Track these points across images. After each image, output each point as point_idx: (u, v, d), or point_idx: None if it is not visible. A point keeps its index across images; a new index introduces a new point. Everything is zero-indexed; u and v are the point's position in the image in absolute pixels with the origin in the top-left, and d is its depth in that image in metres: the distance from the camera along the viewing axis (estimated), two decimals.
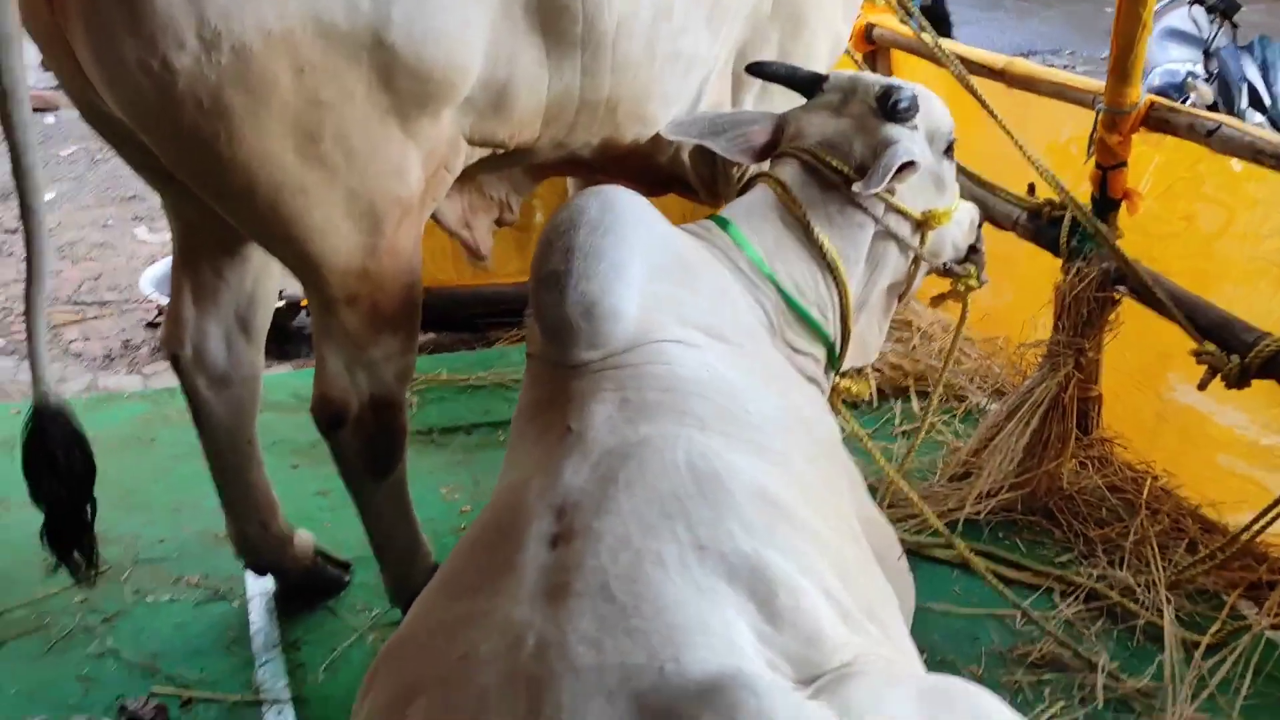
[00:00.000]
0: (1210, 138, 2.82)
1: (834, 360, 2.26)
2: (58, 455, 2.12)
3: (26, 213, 1.96)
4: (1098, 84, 3.07)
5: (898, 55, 4.12)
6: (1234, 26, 4.44)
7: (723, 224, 2.16)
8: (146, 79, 1.76)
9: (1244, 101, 4.20)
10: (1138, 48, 2.89)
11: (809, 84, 2.37)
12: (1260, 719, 2.37)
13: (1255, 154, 2.72)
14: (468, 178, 2.43)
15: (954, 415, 3.46)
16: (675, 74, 2.39)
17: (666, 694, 1.21)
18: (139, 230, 5.20)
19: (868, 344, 2.45)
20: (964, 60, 3.51)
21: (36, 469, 2.13)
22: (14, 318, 4.38)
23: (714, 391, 1.71)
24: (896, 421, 3.46)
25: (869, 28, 4.04)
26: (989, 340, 3.74)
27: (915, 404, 3.55)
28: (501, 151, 2.26)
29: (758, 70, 2.45)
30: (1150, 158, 3.10)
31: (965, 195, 2.53)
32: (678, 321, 1.85)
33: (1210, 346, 2.68)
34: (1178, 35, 4.55)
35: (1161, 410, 3.21)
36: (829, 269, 2.18)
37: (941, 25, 4.85)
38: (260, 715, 2.36)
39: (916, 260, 2.35)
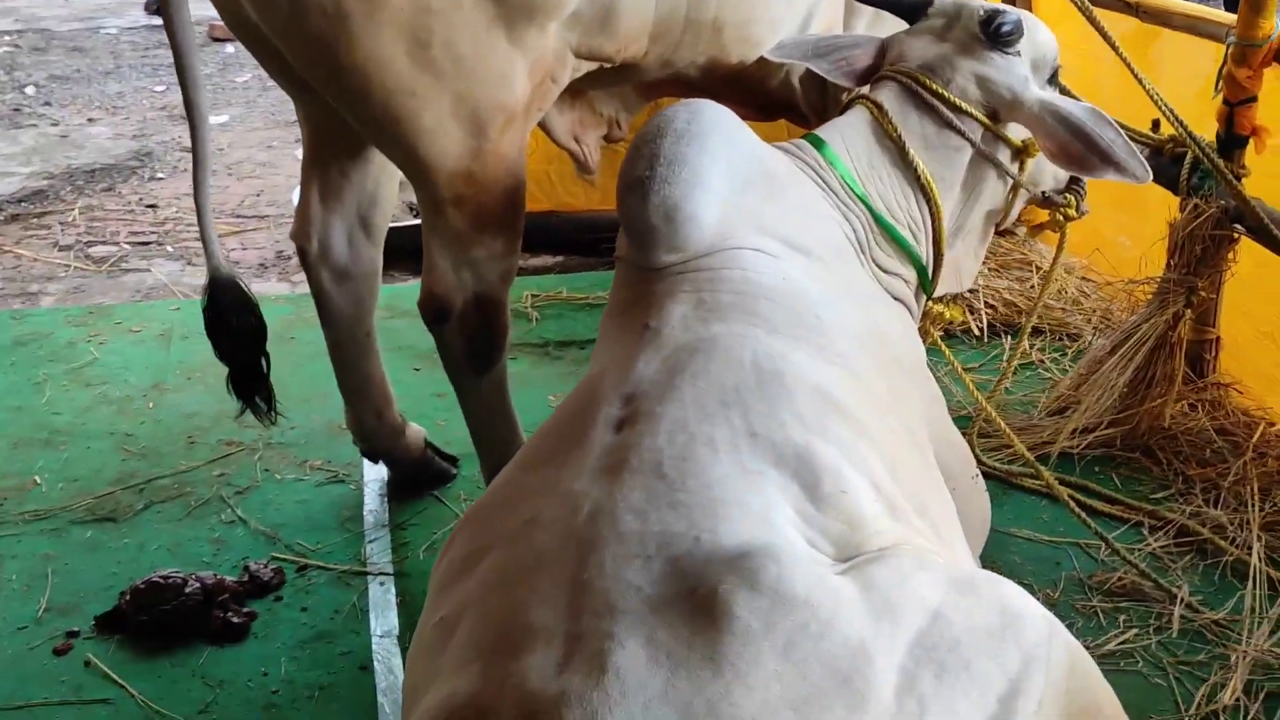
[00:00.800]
0: None
1: (925, 283, 2.30)
2: (230, 319, 2.46)
3: (190, 108, 2.22)
4: (1233, 18, 2.99)
5: None
6: None
7: (817, 143, 2.22)
8: None
9: None
10: None
11: (913, 8, 2.39)
12: None
13: None
14: (578, 93, 2.54)
15: (1065, 353, 3.45)
16: (781, 1, 2.45)
17: (698, 558, 1.32)
18: (299, 151, 5.51)
19: (963, 270, 2.48)
20: None
21: (215, 330, 2.49)
22: (183, 227, 4.72)
23: (787, 296, 1.80)
24: (1004, 357, 3.46)
25: None
26: (1110, 283, 3.69)
27: (1026, 341, 3.54)
28: (609, 66, 2.36)
29: None
30: None
31: None
32: (758, 230, 1.94)
33: None
34: None
35: None
36: (923, 191, 2.22)
37: None
38: (365, 584, 2.56)
39: (1015, 188, 2.36)
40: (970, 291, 3.73)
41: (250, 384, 2.57)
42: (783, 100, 2.76)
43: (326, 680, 2.30)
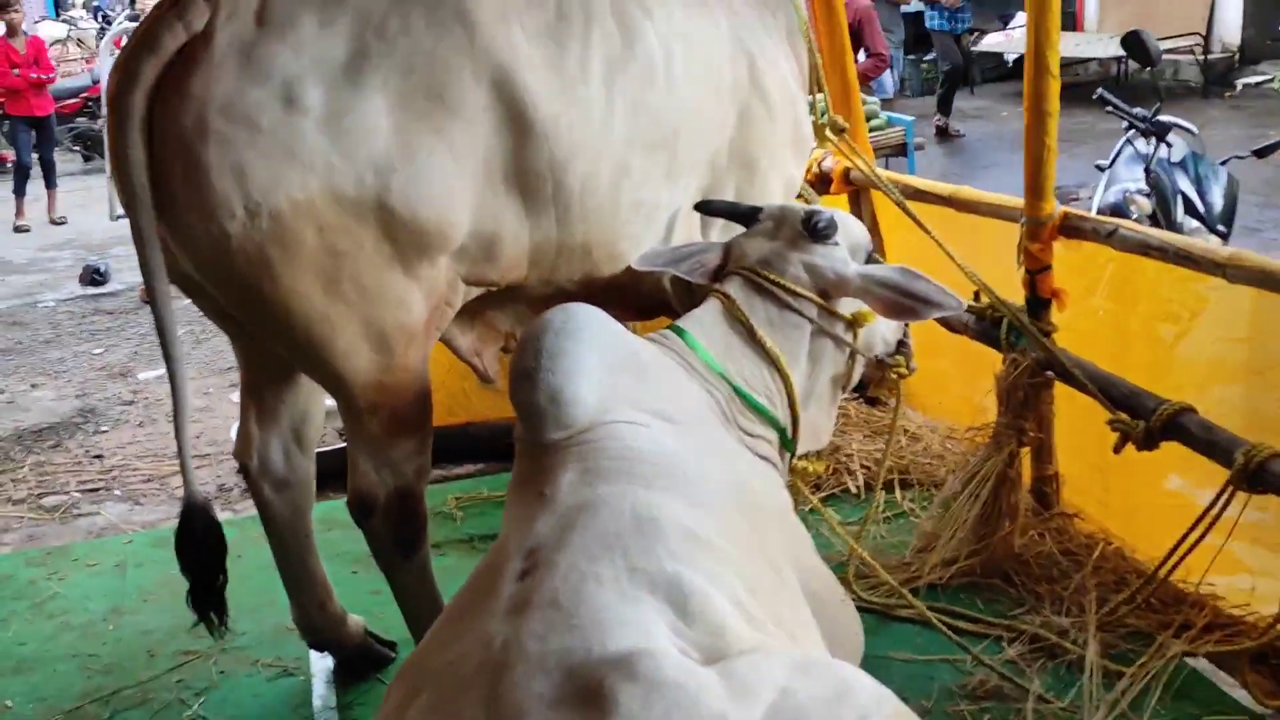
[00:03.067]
0: (1110, 238, 3.31)
1: (787, 442, 2.73)
2: (199, 536, 2.68)
3: (170, 360, 2.56)
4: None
5: (876, 194, 4.68)
6: (1168, 146, 4.94)
7: (679, 331, 2.67)
8: (209, 240, 2.39)
9: (1179, 211, 4.67)
10: (1046, 167, 3.39)
11: (748, 215, 2.91)
12: None
13: (1145, 249, 3.20)
14: (477, 313, 2.98)
15: (931, 501, 3.89)
16: (640, 219, 2.91)
17: (591, 665, 1.64)
18: (233, 395, 5.91)
19: (820, 429, 2.90)
20: (918, 190, 4.09)
21: (184, 549, 2.70)
22: (129, 472, 5.07)
23: (658, 458, 2.19)
24: (880, 508, 3.88)
25: (846, 171, 4.60)
26: (954, 433, 4.19)
27: (899, 494, 3.99)
28: (496, 289, 2.83)
29: (703, 208, 3.02)
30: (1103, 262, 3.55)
31: None
32: (630, 406, 2.35)
33: (1122, 415, 3.11)
34: (1132, 158, 5.09)
35: (1123, 486, 3.60)
36: (773, 364, 2.67)
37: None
38: None
39: (852, 354, 2.84)
40: (847, 455, 4.21)
41: (207, 599, 2.80)
42: (657, 301, 3.21)
43: None
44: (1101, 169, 5.42)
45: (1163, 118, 5.34)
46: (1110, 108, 5.28)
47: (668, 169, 2.94)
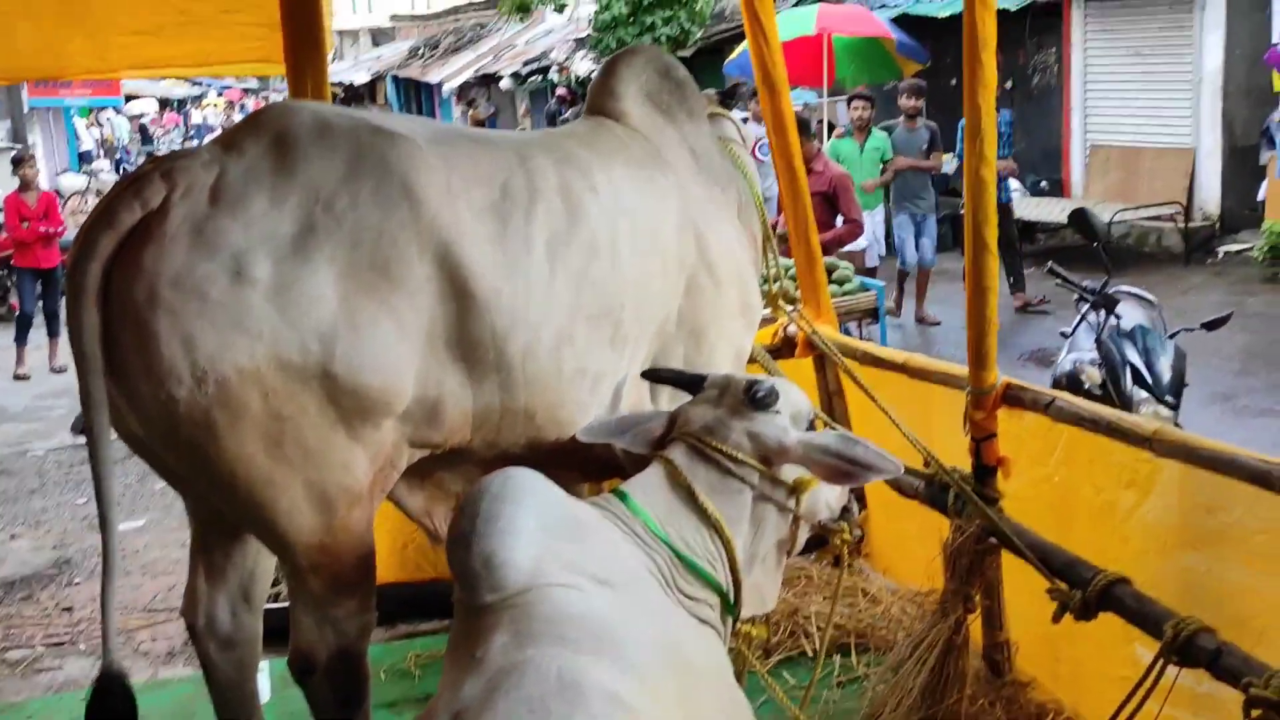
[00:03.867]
0: (1048, 409, 3.40)
1: (729, 606, 2.77)
2: (113, 706, 2.61)
3: (104, 525, 2.60)
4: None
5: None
6: (1117, 318, 5.07)
7: (622, 495, 2.74)
8: (157, 405, 2.48)
9: (1128, 382, 4.78)
10: (987, 339, 3.51)
11: (693, 383, 3.01)
12: None
13: (1079, 420, 3.29)
14: (426, 474, 3.05)
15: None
16: (584, 386, 3.01)
17: None
18: None
19: (765, 593, 2.93)
20: (874, 357, 4.20)
21: (95, 715, 2.61)
22: (96, 625, 5.08)
23: (589, 622, 2.24)
24: (835, 673, 3.89)
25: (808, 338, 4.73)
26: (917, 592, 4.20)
27: (854, 658, 3.99)
28: (441, 452, 2.91)
29: (650, 376, 3.12)
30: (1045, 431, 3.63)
31: None
32: (565, 569, 2.41)
33: (1060, 584, 3.15)
34: (1087, 328, 5.23)
35: (1074, 655, 3.61)
36: (714, 529, 2.73)
37: None
38: None
39: (795, 520, 2.90)
40: (806, 617, 4.22)
41: None
42: (608, 464, 3.28)
43: None
44: (1065, 336, 5.56)
45: (1123, 288, 5.50)
46: (1059, 281, 5.45)
47: (612, 338, 3.05)
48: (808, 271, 4.74)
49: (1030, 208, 14.16)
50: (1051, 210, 14.04)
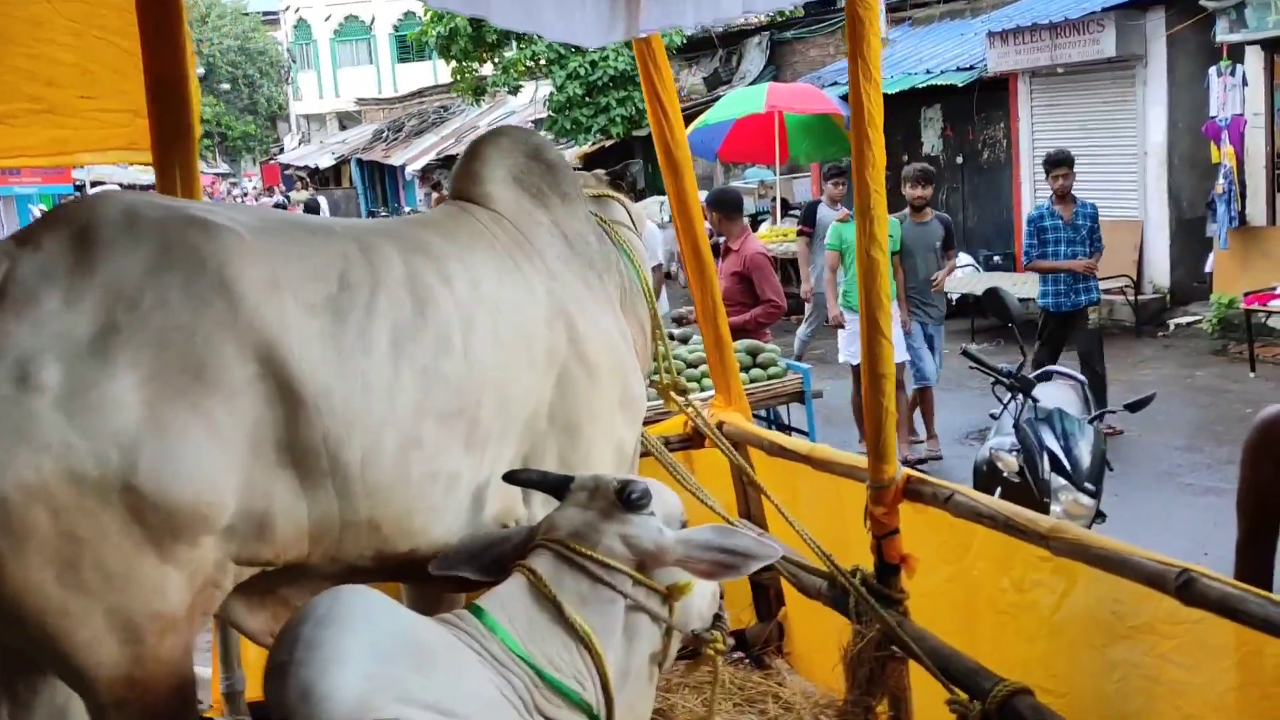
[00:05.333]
0: (947, 504, 3.19)
1: None
2: None
3: None
4: None
5: (752, 450, 4.59)
6: (1034, 401, 4.88)
7: (478, 611, 2.53)
8: None
9: (1046, 467, 4.56)
10: (885, 429, 3.31)
11: (558, 485, 2.80)
12: None
13: (977, 516, 3.08)
14: (267, 591, 2.79)
15: None
16: (438, 491, 2.74)
17: None
18: None
19: (637, 711, 2.73)
20: (781, 447, 3.99)
21: None
22: None
23: None
24: None
25: (720, 425, 4.51)
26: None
27: None
28: (274, 569, 2.66)
29: (511, 479, 2.89)
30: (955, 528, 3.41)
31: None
32: (399, 700, 2.19)
33: (961, 695, 2.92)
34: (1008, 413, 5.04)
35: None
36: (584, 644, 2.51)
37: None
38: None
39: (669, 629, 2.68)
40: None
41: None
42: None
43: None
44: (994, 418, 5.36)
45: (1053, 368, 5.32)
46: (972, 365, 5.26)
47: (468, 438, 2.82)
48: (717, 357, 4.54)
49: (982, 283, 14.10)
50: (1004, 284, 13.97)
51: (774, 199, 16.33)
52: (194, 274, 2.44)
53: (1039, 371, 5.06)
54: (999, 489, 4.64)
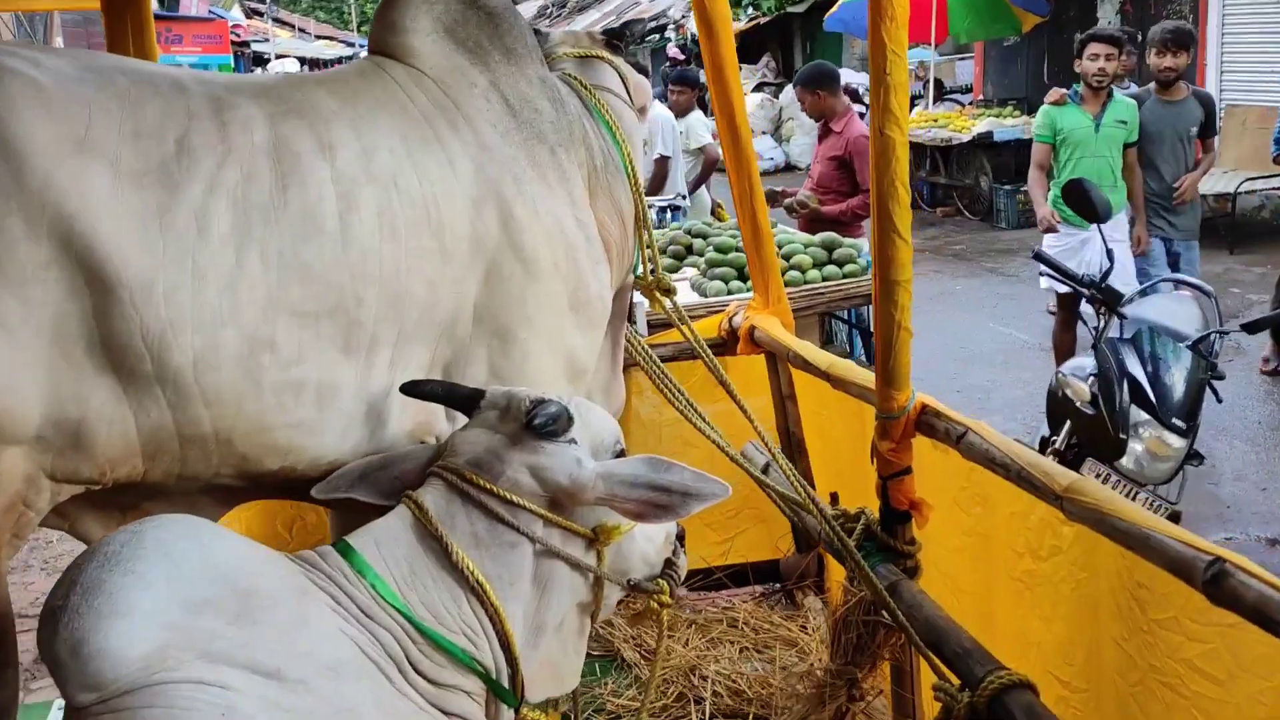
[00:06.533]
0: (959, 443, 2.58)
1: (500, 691, 2.12)
2: None
3: None
4: None
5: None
6: (1121, 319, 4.04)
7: (345, 551, 2.11)
8: None
9: (1124, 397, 3.73)
10: (898, 352, 2.70)
11: (467, 401, 2.33)
12: None
13: (989, 462, 2.47)
14: (128, 506, 2.42)
15: None
16: (305, 403, 2.31)
17: None
18: None
19: (561, 671, 2.29)
20: (803, 360, 3.43)
21: None
22: None
23: None
24: None
25: (752, 330, 3.93)
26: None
27: None
28: (111, 486, 2.25)
29: (410, 390, 2.40)
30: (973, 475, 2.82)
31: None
32: (204, 658, 1.79)
33: (951, 679, 2.36)
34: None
35: None
36: (476, 594, 2.08)
37: None
38: None
39: (599, 579, 2.22)
40: (702, 679, 3.46)
41: None
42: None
43: None
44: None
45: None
46: (1042, 270, 4.40)
47: (346, 343, 2.34)
48: (754, 251, 3.93)
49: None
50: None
51: (926, 81, 15.17)
52: None
53: (1149, 283, 4.21)
54: (1068, 421, 3.89)
